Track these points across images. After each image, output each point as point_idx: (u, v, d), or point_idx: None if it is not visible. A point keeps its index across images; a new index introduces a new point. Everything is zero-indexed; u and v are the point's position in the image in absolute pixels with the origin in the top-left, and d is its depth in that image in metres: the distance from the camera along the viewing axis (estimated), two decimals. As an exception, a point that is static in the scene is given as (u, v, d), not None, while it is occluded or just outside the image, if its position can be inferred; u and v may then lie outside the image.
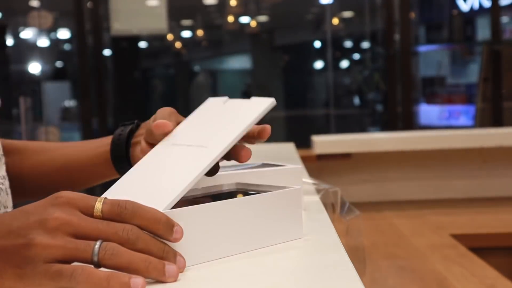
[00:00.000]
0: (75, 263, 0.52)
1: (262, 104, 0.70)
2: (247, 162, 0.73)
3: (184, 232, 0.57)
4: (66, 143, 0.99)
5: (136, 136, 0.85)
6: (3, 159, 0.88)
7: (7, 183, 0.87)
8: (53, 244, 0.51)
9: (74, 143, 0.97)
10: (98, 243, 0.52)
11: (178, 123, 0.75)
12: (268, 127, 0.72)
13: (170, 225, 0.56)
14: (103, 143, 0.89)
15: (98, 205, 0.55)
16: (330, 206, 1.06)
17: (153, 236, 0.56)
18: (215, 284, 0.55)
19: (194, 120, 0.75)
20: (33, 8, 4.77)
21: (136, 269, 0.52)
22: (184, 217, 0.59)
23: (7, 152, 0.95)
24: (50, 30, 5.57)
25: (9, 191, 0.87)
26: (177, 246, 0.58)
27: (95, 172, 0.91)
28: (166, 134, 0.73)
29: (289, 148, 1.82)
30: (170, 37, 5.73)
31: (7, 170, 0.92)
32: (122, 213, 0.55)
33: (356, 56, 6.76)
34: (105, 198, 0.56)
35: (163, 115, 0.75)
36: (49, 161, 0.94)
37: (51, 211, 0.53)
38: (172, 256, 0.55)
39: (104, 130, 4.16)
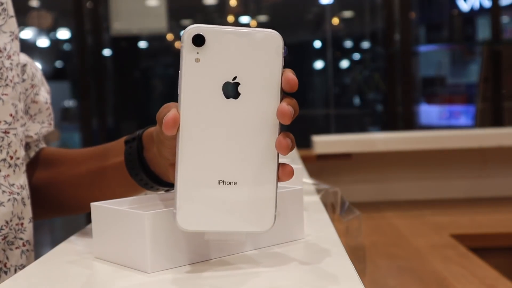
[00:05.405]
0: None
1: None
2: None
3: (185, 232, 0.57)
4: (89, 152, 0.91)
5: (147, 149, 0.77)
6: (22, 168, 0.82)
7: (25, 193, 0.82)
8: None
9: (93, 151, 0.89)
10: None
11: None
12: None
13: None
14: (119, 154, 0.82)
15: None
16: (330, 206, 1.06)
17: None
18: (216, 284, 0.55)
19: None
20: (32, 8, 4.77)
21: None
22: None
23: (49, 162, 0.91)
24: (49, 30, 5.57)
25: (27, 201, 0.83)
26: (176, 245, 0.58)
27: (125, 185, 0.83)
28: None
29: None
30: (170, 37, 5.73)
31: (43, 181, 0.89)
32: None
33: (356, 56, 6.76)
34: None
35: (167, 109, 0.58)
36: (87, 173, 0.86)
37: None
38: None
39: (103, 130, 4.16)
